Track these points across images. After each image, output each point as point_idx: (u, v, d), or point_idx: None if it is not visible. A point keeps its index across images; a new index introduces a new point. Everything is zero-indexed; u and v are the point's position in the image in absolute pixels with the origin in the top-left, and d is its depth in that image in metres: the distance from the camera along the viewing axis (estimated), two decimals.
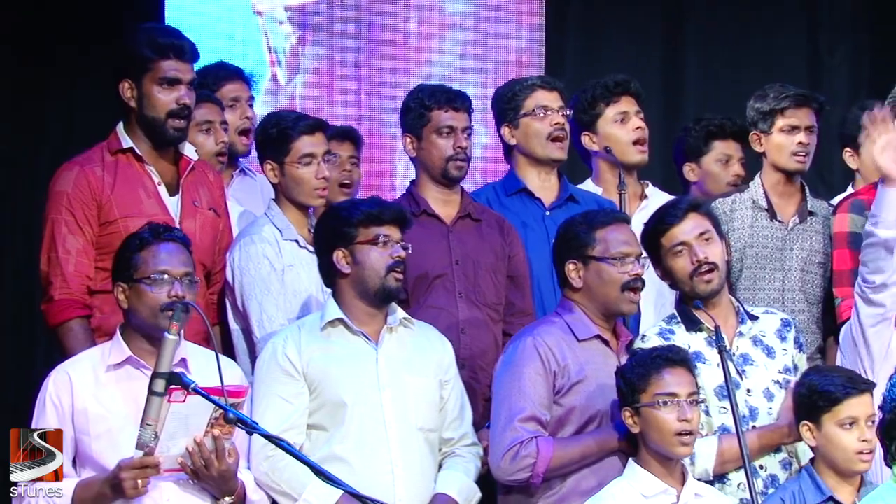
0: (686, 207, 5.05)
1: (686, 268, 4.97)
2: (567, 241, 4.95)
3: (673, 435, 4.60)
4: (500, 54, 7.38)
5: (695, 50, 7.64)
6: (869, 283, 5.06)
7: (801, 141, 5.64)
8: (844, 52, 7.71)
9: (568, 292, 4.95)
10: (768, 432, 4.91)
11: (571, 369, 4.82)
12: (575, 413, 4.82)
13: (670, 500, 4.63)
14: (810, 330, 5.57)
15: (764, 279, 5.63)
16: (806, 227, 5.68)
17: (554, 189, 5.65)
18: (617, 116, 5.84)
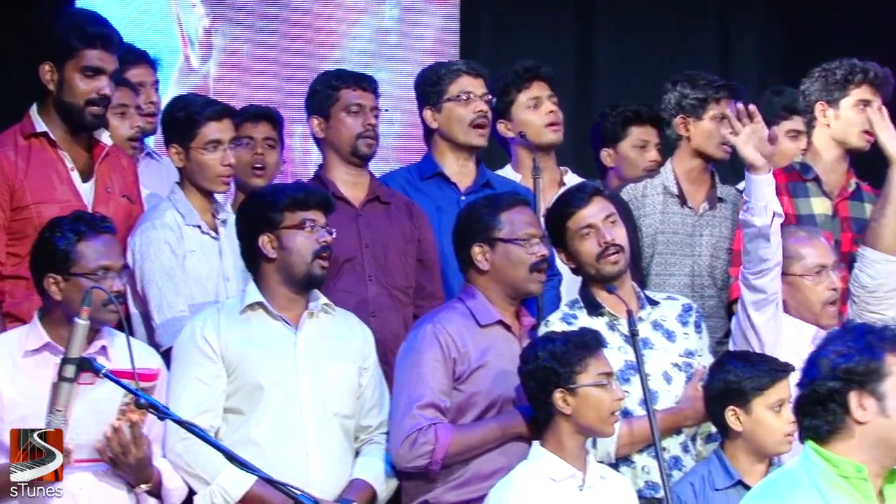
0: (591, 191, 5.10)
1: (593, 250, 5.01)
2: (471, 224, 4.98)
3: (609, 414, 4.65)
4: (415, 39, 7.39)
5: (607, 36, 7.70)
6: (750, 269, 5.12)
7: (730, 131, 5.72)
8: (754, 39, 7.81)
9: (472, 276, 4.97)
10: (670, 415, 4.96)
11: (472, 355, 4.84)
12: (476, 399, 4.84)
13: (577, 483, 4.66)
14: (718, 315, 5.62)
15: (674, 265, 5.69)
16: (715, 214, 5.73)
17: (471, 175, 5.67)
18: (529, 102, 5.87)
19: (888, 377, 3.61)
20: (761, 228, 5.09)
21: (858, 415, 3.62)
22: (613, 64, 7.64)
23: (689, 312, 5.16)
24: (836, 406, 3.63)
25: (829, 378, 3.63)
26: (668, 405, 5.00)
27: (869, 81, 5.54)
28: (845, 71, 5.56)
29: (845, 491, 3.61)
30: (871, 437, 3.61)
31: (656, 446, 4.72)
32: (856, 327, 3.71)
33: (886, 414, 3.61)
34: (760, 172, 5.15)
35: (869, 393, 3.61)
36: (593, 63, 7.64)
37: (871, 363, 3.62)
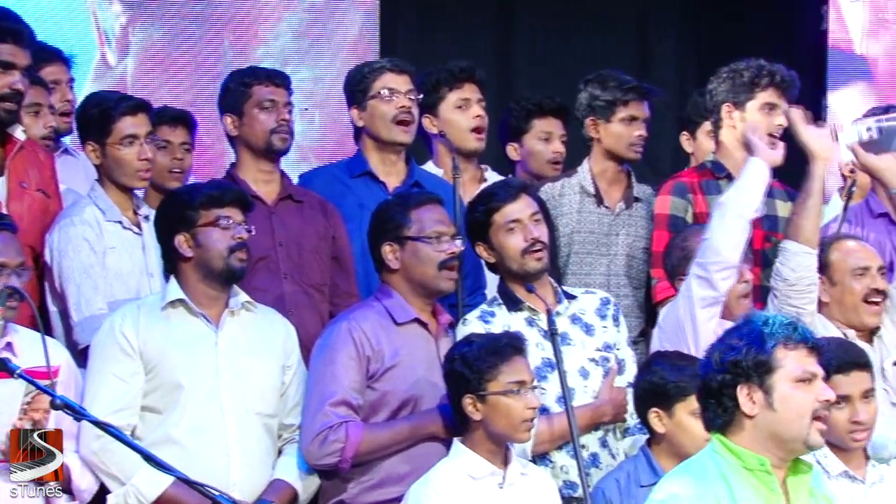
0: (518, 187, 5.12)
1: (519, 245, 5.01)
2: (382, 223, 4.98)
3: (521, 422, 4.63)
4: (335, 38, 7.38)
5: (526, 36, 7.73)
6: (713, 259, 5.05)
7: (640, 133, 5.75)
8: (672, 41, 7.88)
9: (385, 275, 4.97)
10: (588, 412, 4.98)
11: (386, 354, 4.84)
12: (389, 398, 4.84)
13: (497, 481, 4.65)
14: (634, 314, 5.66)
15: (590, 264, 5.72)
16: (632, 213, 5.77)
17: (400, 173, 5.66)
18: (459, 102, 5.87)
19: (777, 370, 3.65)
20: (744, 208, 5.07)
21: (747, 408, 3.66)
22: (532, 64, 7.68)
23: (608, 305, 5.18)
24: (727, 399, 3.67)
25: (719, 371, 3.68)
26: (586, 401, 5.02)
27: (775, 85, 5.58)
28: (752, 73, 5.60)
29: (750, 482, 3.66)
30: (760, 429, 3.66)
31: (574, 444, 4.74)
32: (751, 319, 3.74)
33: (773, 407, 3.65)
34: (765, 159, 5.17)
35: (757, 386, 3.65)
36: (512, 63, 7.67)
37: (760, 356, 3.65)
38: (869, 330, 5.30)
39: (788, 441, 3.68)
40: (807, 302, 5.24)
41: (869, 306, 5.27)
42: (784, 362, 3.66)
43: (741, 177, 5.19)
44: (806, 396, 3.67)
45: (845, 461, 4.79)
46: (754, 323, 3.71)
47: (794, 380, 3.66)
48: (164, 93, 7.05)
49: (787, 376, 3.66)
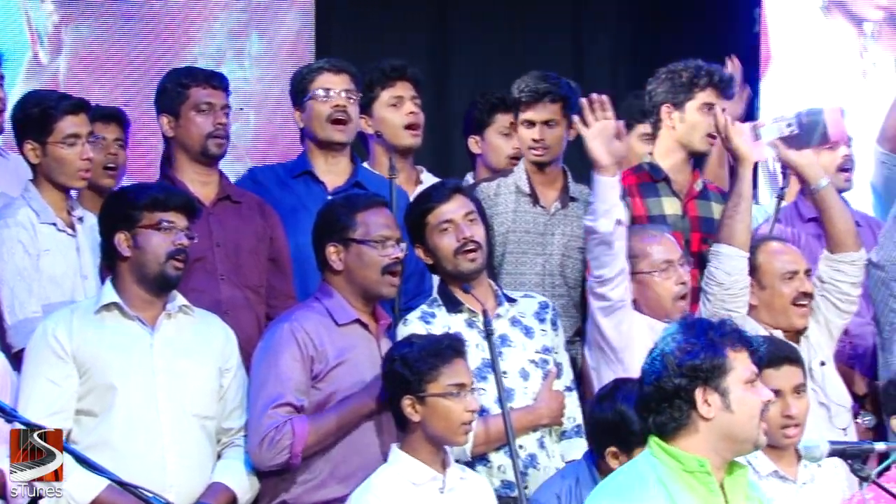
0: (452, 187, 5.14)
1: (451, 245, 5.04)
2: (328, 223, 4.97)
3: (459, 425, 4.63)
4: (270, 38, 7.36)
5: (461, 36, 7.75)
6: (596, 277, 5.16)
7: (534, 137, 5.75)
8: (607, 41, 7.92)
9: (328, 276, 4.97)
10: (526, 414, 5.01)
11: (329, 354, 4.83)
12: (334, 398, 4.83)
13: (437, 485, 4.66)
14: (569, 314, 5.66)
15: (525, 264, 5.73)
16: (567, 213, 5.78)
17: (342, 174, 5.65)
18: (392, 100, 5.86)
19: (730, 372, 3.69)
20: (603, 235, 5.13)
21: (704, 410, 3.69)
22: (468, 64, 7.70)
23: (546, 310, 5.22)
24: (682, 402, 3.69)
25: (675, 375, 3.69)
26: (526, 402, 5.05)
27: (714, 85, 5.63)
28: (691, 74, 5.64)
29: (690, 485, 3.68)
30: (715, 431, 3.69)
31: (511, 445, 4.76)
32: (695, 323, 3.79)
33: (731, 409, 3.69)
34: (606, 173, 5.17)
35: (713, 389, 3.69)
36: (448, 63, 7.68)
37: (716, 360, 3.69)
38: (796, 331, 5.36)
39: (741, 441, 3.72)
40: (740, 305, 5.29)
41: (797, 308, 5.32)
42: (735, 364, 3.71)
43: (593, 200, 5.20)
44: (755, 398, 3.73)
45: (776, 461, 4.85)
46: (699, 326, 3.75)
47: (745, 381, 3.72)
48: (97, 91, 7.00)
49: (739, 378, 3.71)
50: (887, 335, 5.48)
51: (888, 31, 7.90)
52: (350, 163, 5.68)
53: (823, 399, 5.27)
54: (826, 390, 5.32)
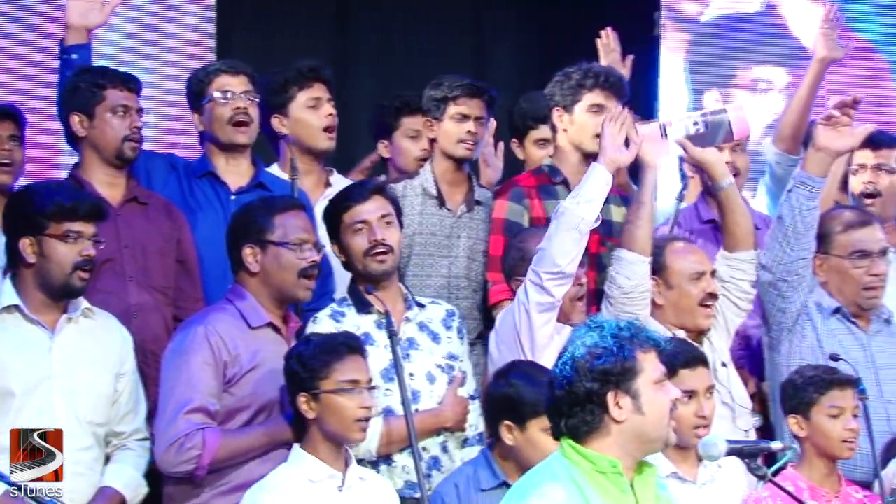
0: (372, 188, 5.15)
1: (362, 246, 5.05)
2: (245, 225, 4.95)
3: (353, 421, 4.64)
4: (170, 36, 7.29)
5: (363, 37, 7.74)
6: (549, 268, 5.09)
7: (469, 130, 5.77)
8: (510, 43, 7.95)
9: (242, 277, 4.95)
10: (430, 417, 5.03)
11: (243, 358, 4.82)
12: (247, 402, 4.82)
13: (336, 484, 4.66)
14: (473, 316, 5.69)
15: (431, 266, 5.74)
16: (473, 216, 5.80)
17: (244, 174, 5.62)
18: (310, 102, 5.83)
19: (641, 374, 3.73)
20: (581, 221, 5.08)
21: (615, 413, 3.71)
22: (370, 65, 7.69)
23: (453, 318, 5.24)
24: (594, 406, 3.71)
25: (586, 379, 3.71)
26: (431, 405, 5.07)
27: (601, 85, 5.68)
28: (579, 76, 5.68)
29: (602, 486, 3.71)
30: (627, 433, 3.72)
31: (414, 447, 4.76)
32: (604, 325, 3.79)
33: (642, 411, 3.72)
34: (607, 167, 5.18)
35: (624, 392, 3.71)
36: (349, 64, 7.66)
37: (626, 363, 3.72)
38: (698, 332, 5.43)
39: (652, 441, 3.75)
40: (641, 308, 5.33)
41: (704, 309, 5.38)
42: (645, 366, 3.74)
43: (581, 185, 5.22)
44: (665, 397, 3.76)
45: (676, 462, 4.90)
46: (608, 329, 3.76)
47: (655, 382, 3.75)
48: None
49: (649, 379, 3.74)
50: (775, 335, 5.57)
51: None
52: (251, 164, 5.66)
53: (728, 400, 5.34)
54: (731, 391, 5.39)
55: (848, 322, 5.56)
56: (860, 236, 5.54)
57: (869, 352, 5.52)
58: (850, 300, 5.55)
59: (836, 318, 5.55)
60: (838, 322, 5.55)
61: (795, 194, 5.39)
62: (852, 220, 5.58)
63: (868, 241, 5.53)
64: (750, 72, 7.71)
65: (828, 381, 5.04)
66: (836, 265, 5.55)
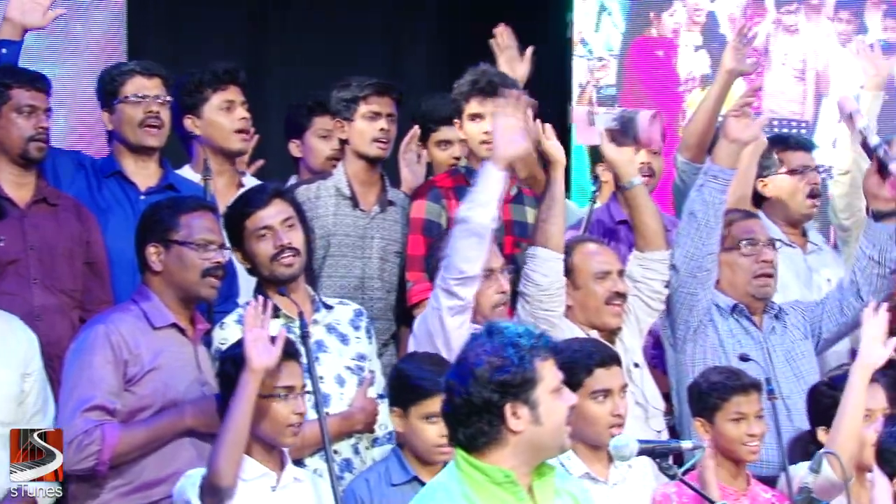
0: (271, 193, 5.12)
1: (268, 251, 5.03)
2: (151, 224, 4.93)
3: (286, 426, 4.64)
4: (81, 36, 7.22)
5: (278, 38, 7.72)
6: (454, 275, 5.11)
7: (382, 127, 5.77)
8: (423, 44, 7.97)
9: (147, 277, 4.92)
10: (341, 420, 5.03)
11: (145, 358, 4.79)
12: (148, 402, 4.79)
13: (270, 483, 4.65)
14: (386, 317, 5.70)
15: (345, 266, 5.73)
16: (386, 217, 5.80)
17: (153, 176, 5.58)
18: (223, 104, 5.80)
19: (539, 384, 3.66)
20: (477, 226, 5.09)
21: (513, 424, 3.65)
22: (284, 66, 7.67)
23: (361, 317, 5.24)
24: (492, 417, 3.65)
25: (484, 390, 3.64)
26: (342, 408, 5.07)
27: (480, 90, 5.72)
28: (468, 79, 5.74)
29: (497, 497, 3.66)
30: (524, 444, 3.66)
31: (326, 450, 4.76)
32: (502, 332, 3.71)
33: (540, 422, 3.66)
34: (497, 166, 5.14)
35: (523, 402, 3.65)
36: (264, 65, 7.64)
37: (525, 374, 3.65)
38: (610, 331, 5.48)
39: (549, 450, 3.72)
40: (557, 305, 5.36)
41: (611, 308, 5.43)
42: (543, 374, 3.67)
43: (475, 188, 5.21)
44: (562, 405, 3.71)
45: (588, 463, 4.94)
46: (506, 337, 3.69)
47: (552, 390, 3.69)
48: None
49: (547, 388, 3.68)
50: (680, 335, 5.62)
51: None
52: (159, 165, 5.63)
53: (641, 400, 5.38)
54: (644, 391, 5.43)
55: (745, 321, 5.62)
56: (745, 226, 5.62)
57: (765, 350, 5.60)
58: (742, 292, 5.60)
59: (733, 317, 5.61)
60: (736, 322, 5.61)
61: (708, 188, 5.46)
62: (736, 216, 5.67)
63: (753, 231, 5.61)
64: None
65: (731, 388, 5.08)
66: (725, 259, 5.61)
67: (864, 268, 5.62)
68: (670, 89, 8.08)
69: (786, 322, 5.68)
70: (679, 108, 8.01)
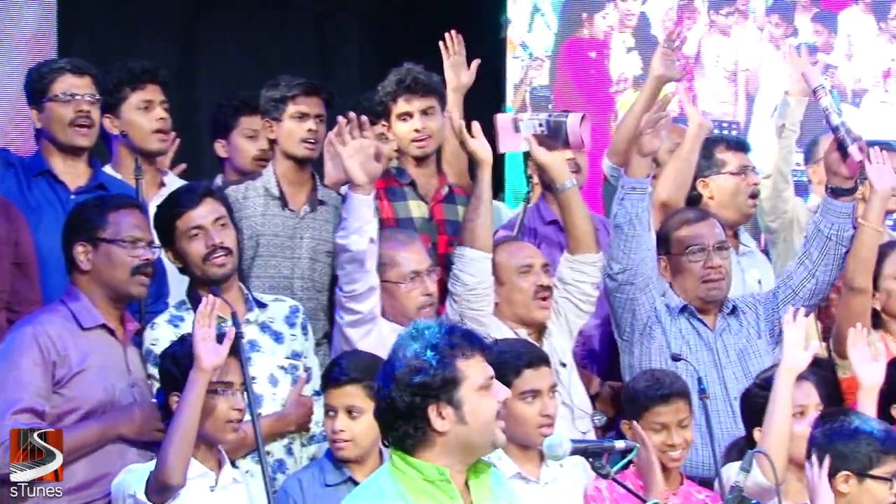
0: (202, 192, 5.11)
1: (200, 251, 5.02)
2: (78, 223, 4.90)
3: (225, 422, 4.64)
4: (11, 33, 7.15)
5: (208, 37, 7.68)
6: (346, 292, 5.21)
7: (310, 128, 5.75)
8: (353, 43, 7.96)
9: (75, 277, 4.89)
10: (275, 420, 5.02)
11: (73, 359, 4.76)
12: (77, 404, 4.76)
13: (208, 483, 4.65)
14: (318, 317, 5.66)
15: (274, 266, 5.70)
16: (316, 216, 5.77)
17: (83, 175, 5.53)
18: (141, 104, 5.77)
19: (463, 383, 3.67)
20: (356, 253, 5.17)
21: (438, 425, 3.66)
22: (216, 65, 7.64)
23: (297, 314, 5.22)
24: (417, 419, 3.66)
25: (406, 394, 3.65)
26: (275, 408, 5.05)
27: (407, 88, 5.72)
28: (392, 79, 5.76)
29: (431, 494, 3.68)
30: (451, 443, 3.68)
31: (260, 451, 4.74)
32: (425, 333, 3.72)
33: (465, 421, 3.67)
34: (361, 192, 5.23)
35: (446, 402, 3.66)
36: (195, 64, 7.60)
37: (446, 374, 3.66)
38: (538, 330, 5.48)
39: (479, 448, 3.73)
40: (486, 304, 5.38)
41: (537, 302, 5.44)
42: (467, 373, 3.68)
43: (346, 218, 5.29)
44: (490, 401, 3.72)
45: (519, 463, 4.94)
46: (427, 338, 3.70)
47: (479, 388, 3.70)
48: None
49: (472, 386, 3.69)
50: (627, 338, 5.64)
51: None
52: (88, 164, 5.57)
53: (567, 400, 5.40)
54: (570, 392, 5.44)
55: (695, 321, 5.64)
56: (694, 231, 5.64)
57: (714, 350, 5.62)
58: (692, 295, 5.64)
59: (683, 317, 5.64)
60: (686, 322, 5.64)
61: (629, 200, 5.48)
62: (686, 218, 5.70)
63: (702, 236, 5.63)
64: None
65: (651, 397, 5.09)
66: (675, 264, 5.65)
67: (823, 246, 5.64)
68: (602, 90, 8.11)
69: (741, 320, 5.71)
70: (611, 110, 8.04)
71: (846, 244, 5.64)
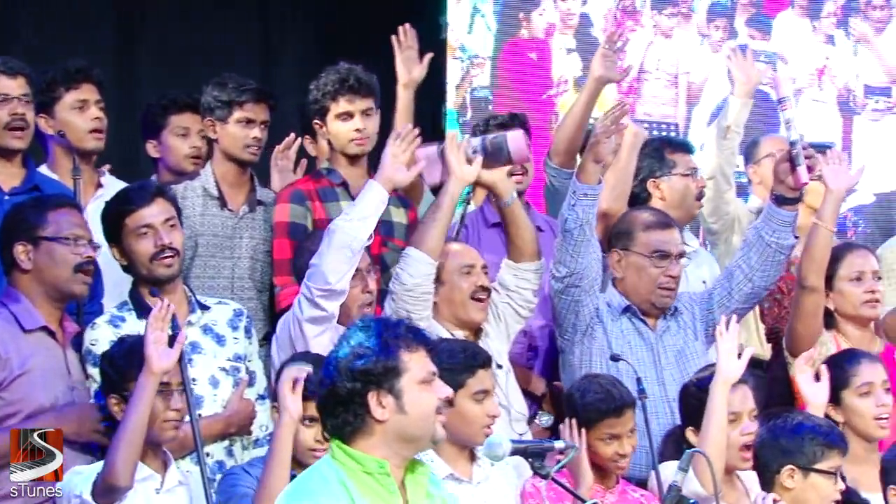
0: (154, 191, 5.10)
1: (148, 250, 5.00)
2: (16, 223, 4.87)
3: (163, 422, 4.63)
4: None
5: (149, 35, 7.64)
6: (321, 285, 5.13)
7: (255, 136, 5.75)
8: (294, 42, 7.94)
9: (15, 278, 4.86)
10: (215, 422, 5.01)
11: (14, 362, 4.73)
12: (18, 407, 4.72)
13: (154, 485, 4.63)
14: (258, 318, 5.66)
15: (214, 267, 5.70)
16: (255, 217, 5.77)
17: (17, 176, 5.49)
18: (76, 103, 5.74)
19: (404, 374, 3.71)
20: (354, 239, 5.12)
21: (377, 413, 3.70)
22: (156, 63, 7.59)
23: (241, 317, 5.22)
24: (356, 406, 3.70)
25: (347, 379, 3.69)
26: (215, 410, 5.04)
27: (350, 88, 5.72)
28: (327, 79, 5.75)
29: (370, 486, 3.70)
30: (390, 433, 3.71)
31: (199, 452, 4.72)
32: (372, 324, 3.77)
33: (405, 411, 3.71)
34: (387, 186, 5.22)
35: (387, 391, 3.70)
36: (135, 62, 7.56)
37: (388, 362, 3.70)
38: (475, 332, 5.49)
39: (417, 440, 3.75)
40: (421, 308, 5.37)
41: (475, 303, 5.45)
42: (410, 365, 3.72)
43: (356, 202, 5.26)
44: (431, 396, 3.75)
45: (451, 463, 4.94)
46: (374, 328, 3.75)
47: (420, 381, 3.73)
48: None
49: (414, 378, 3.72)
50: (568, 338, 5.65)
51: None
52: (22, 165, 5.53)
53: (504, 402, 5.40)
54: (508, 394, 5.45)
55: (637, 321, 5.66)
56: (662, 237, 5.63)
57: (655, 352, 5.64)
58: (643, 298, 5.64)
59: (625, 317, 5.65)
60: (628, 321, 5.65)
61: (580, 206, 5.47)
62: (655, 221, 5.68)
63: (669, 243, 5.63)
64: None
65: (603, 411, 5.09)
66: (635, 262, 5.64)
67: (762, 252, 5.66)
68: (543, 91, 8.12)
69: (679, 321, 5.73)
70: (552, 111, 8.05)
71: (786, 252, 5.68)
